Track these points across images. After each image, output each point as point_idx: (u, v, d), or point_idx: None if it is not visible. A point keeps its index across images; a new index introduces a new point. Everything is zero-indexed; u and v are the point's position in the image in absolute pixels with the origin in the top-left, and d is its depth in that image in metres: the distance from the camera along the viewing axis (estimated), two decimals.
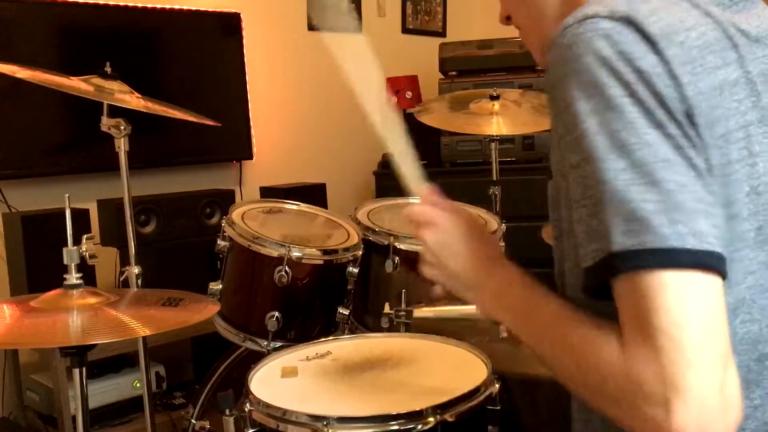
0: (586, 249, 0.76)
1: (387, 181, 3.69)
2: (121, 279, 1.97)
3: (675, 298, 0.70)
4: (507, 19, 1.03)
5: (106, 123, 1.88)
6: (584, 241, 0.76)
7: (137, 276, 1.94)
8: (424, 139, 3.69)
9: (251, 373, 1.50)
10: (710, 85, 0.77)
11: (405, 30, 4.31)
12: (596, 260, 0.74)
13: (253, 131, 3.53)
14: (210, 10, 3.36)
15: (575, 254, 0.80)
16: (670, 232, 0.70)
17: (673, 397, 0.68)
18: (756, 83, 0.81)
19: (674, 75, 0.75)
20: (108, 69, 1.92)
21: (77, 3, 2.96)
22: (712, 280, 0.71)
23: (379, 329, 1.95)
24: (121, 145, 1.90)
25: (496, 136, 2.69)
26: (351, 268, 1.98)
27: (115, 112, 1.90)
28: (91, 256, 1.59)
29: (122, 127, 1.88)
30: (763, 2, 0.93)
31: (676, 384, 0.68)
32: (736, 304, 0.78)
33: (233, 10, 3.44)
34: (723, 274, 0.72)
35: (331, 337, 1.79)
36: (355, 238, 2.05)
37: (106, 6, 3.04)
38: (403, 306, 1.93)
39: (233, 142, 3.47)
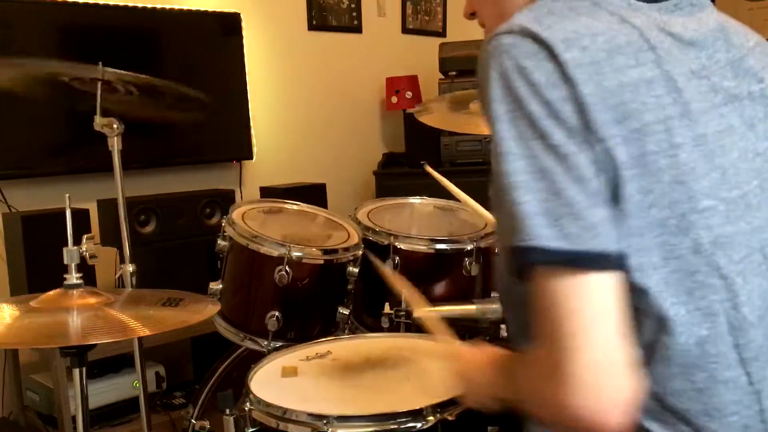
0: (509, 236, 0.83)
1: (387, 181, 3.69)
2: (117, 277, 1.97)
3: (563, 297, 0.78)
4: (471, 15, 1.09)
5: (98, 122, 1.88)
6: (504, 228, 0.84)
7: (132, 274, 1.94)
8: (424, 139, 3.69)
9: (251, 373, 1.50)
10: (620, 82, 0.82)
11: (405, 30, 4.31)
12: (512, 248, 0.82)
13: (253, 131, 3.53)
14: (210, 10, 3.36)
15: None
16: (548, 233, 0.78)
17: (563, 379, 0.77)
18: (677, 81, 0.85)
19: (568, 77, 0.80)
20: (106, 69, 1.92)
21: (77, 3, 2.96)
22: (596, 277, 0.78)
23: (379, 329, 1.95)
24: (115, 145, 1.90)
25: None
26: (351, 268, 1.98)
27: (115, 112, 1.90)
28: (91, 256, 1.59)
29: (115, 126, 1.88)
30: (711, 6, 0.98)
31: (564, 369, 0.77)
32: (660, 285, 0.82)
33: (233, 10, 3.44)
34: (611, 267, 0.78)
35: (331, 337, 1.79)
36: (355, 238, 2.05)
37: (106, 6, 3.04)
38: (403, 306, 1.93)
39: (233, 142, 3.47)
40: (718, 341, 0.83)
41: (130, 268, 1.95)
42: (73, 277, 1.43)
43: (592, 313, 0.77)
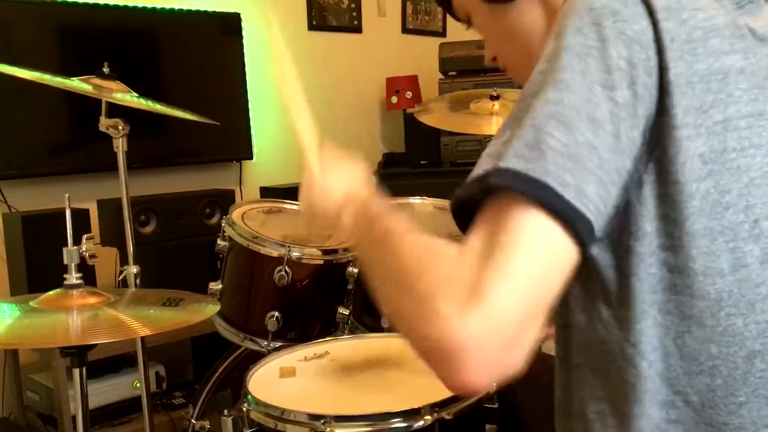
0: (478, 167, 0.75)
1: (387, 181, 3.68)
2: (120, 279, 1.97)
3: (528, 230, 0.70)
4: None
5: (104, 123, 1.89)
6: (482, 160, 0.76)
7: (135, 275, 1.94)
8: (424, 139, 3.69)
9: (250, 373, 1.50)
10: (711, 68, 0.77)
11: (405, 30, 4.31)
12: (478, 174, 0.75)
13: (253, 131, 3.53)
14: (210, 10, 3.36)
15: None
16: (558, 174, 0.70)
17: (474, 299, 0.67)
18: (759, 75, 0.80)
19: (661, 48, 0.75)
20: (106, 69, 1.92)
21: (77, 3, 2.96)
22: (567, 242, 0.70)
23: (379, 329, 1.95)
24: (120, 146, 1.91)
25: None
26: (351, 268, 1.98)
27: (115, 112, 1.90)
28: (91, 256, 1.59)
29: (120, 128, 1.89)
30: (766, 4, 0.92)
31: (484, 290, 0.67)
32: (722, 294, 0.77)
33: (233, 10, 3.44)
34: (582, 242, 0.71)
35: (329, 338, 1.79)
36: None
37: (105, 6, 3.04)
38: None
39: (233, 142, 3.47)
40: (755, 358, 0.78)
41: (134, 269, 1.95)
42: (73, 277, 1.43)
43: (544, 265, 0.70)
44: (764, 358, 0.79)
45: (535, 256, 0.69)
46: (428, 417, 1.26)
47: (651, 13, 0.75)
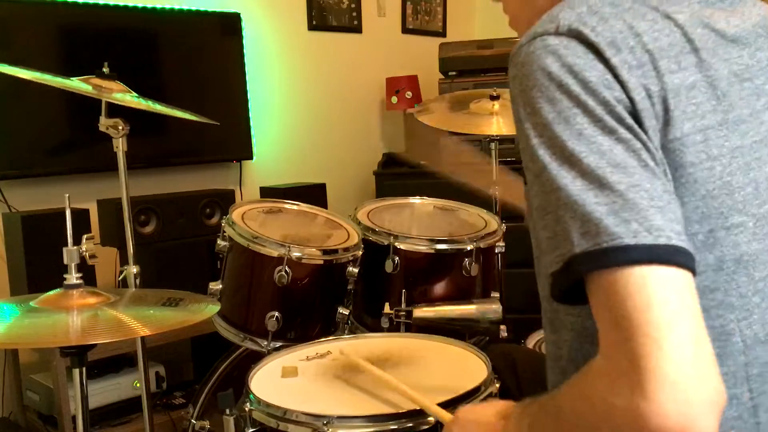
0: (551, 255, 0.77)
1: (387, 181, 3.69)
2: (120, 279, 1.97)
3: (637, 291, 0.70)
4: None
5: (104, 123, 1.88)
6: (549, 247, 0.78)
7: (135, 275, 1.94)
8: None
9: (251, 373, 1.50)
10: (664, 87, 0.79)
11: (405, 30, 4.31)
12: (560, 264, 0.76)
13: (253, 131, 3.53)
14: (210, 10, 3.36)
15: (539, 263, 0.82)
16: (623, 230, 0.71)
17: (645, 377, 0.67)
18: (717, 87, 0.82)
19: (621, 80, 0.78)
20: (106, 69, 1.92)
21: (77, 3, 2.96)
22: (674, 272, 0.71)
23: (379, 329, 1.95)
24: (120, 146, 1.90)
25: (496, 136, 2.69)
26: (351, 268, 1.98)
27: (115, 112, 1.90)
28: (91, 256, 1.59)
29: (120, 128, 1.88)
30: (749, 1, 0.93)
31: (645, 365, 0.67)
32: None
33: (233, 10, 3.44)
34: (687, 266, 0.72)
35: (331, 337, 1.79)
36: (355, 238, 2.05)
37: (105, 6, 3.04)
38: (403, 306, 1.93)
39: (233, 142, 3.47)
40: (729, 361, 0.81)
41: (134, 269, 1.95)
42: (73, 277, 1.43)
43: (676, 305, 0.70)
44: (724, 361, 0.80)
45: (660, 306, 0.69)
46: (430, 418, 1.25)
47: (599, 55, 0.78)
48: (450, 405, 1.29)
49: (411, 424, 1.26)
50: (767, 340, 0.83)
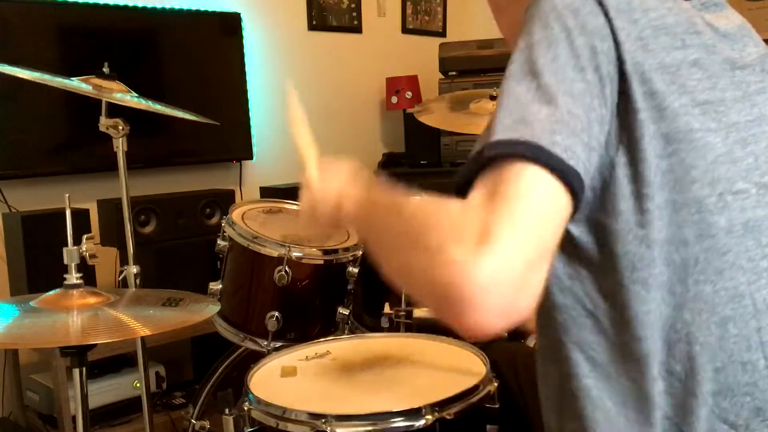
0: (474, 148, 0.82)
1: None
2: (120, 279, 1.97)
3: (525, 182, 0.75)
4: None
5: (104, 123, 1.89)
6: (476, 144, 0.82)
7: (135, 276, 1.94)
8: (424, 139, 3.69)
9: (251, 373, 1.50)
10: (663, 62, 0.83)
11: (405, 30, 4.31)
12: (475, 151, 0.81)
13: (253, 131, 3.53)
14: (210, 10, 3.36)
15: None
16: (547, 136, 0.76)
17: (484, 243, 0.72)
18: (714, 68, 0.88)
19: (618, 42, 0.82)
20: (106, 69, 1.92)
21: (77, 3, 2.96)
22: (561, 191, 0.76)
23: (379, 329, 1.95)
24: (120, 146, 1.91)
25: None
26: (351, 268, 1.98)
27: (115, 112, 1.90)
28: (91, 256, 1.59)
29: (120, 128, 1.89)
30: (730, 7, 1.01)
31: (492, 234, 0.72)
32: (688, 262, 0.82)
33: (233, 10, 3.44)
34: (576, 196, 0.77)
35: (330, 337, 1.79)
36: (355, 238, 2.05)
37: (106, 6, 3.04)
38: (403, 306, 1.93)
39: (233, 142, 3.47)
40: (741, 323, 0.83)
41: (134, 269, 1.95)
42: (73, 277, 1.43)
43: (543, 214, 0.75)
44: (736, 323, 0.83)
45: (535, 202, 0.75)
46: (429, 417, 1.26)
47: (606, 12, 0.83)
48: (448, 404, 1.29)
49: (410, 423, 1.26)
50: None
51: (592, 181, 0.81)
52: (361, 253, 2.01)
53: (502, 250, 0.71)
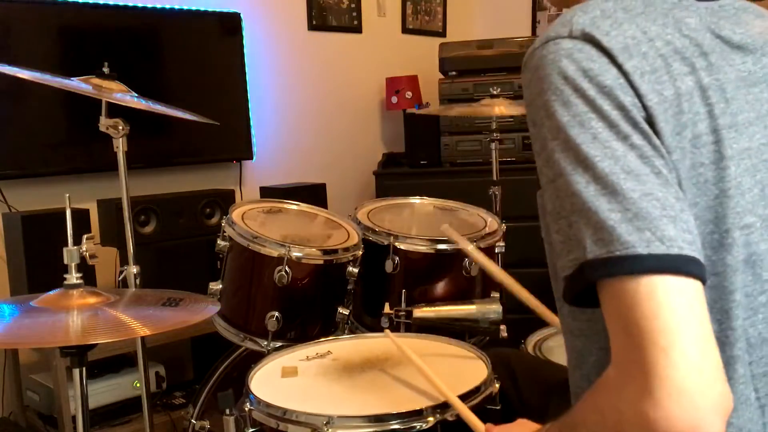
0: (565, 259, 0.78)
1: (387, 181, 3.69)
2: (120, 279, 1.97)
3: (647, 299, 0.71)
4: None
5: (104, 123, 1.88)
6: (563, 251, 0.78)
7: (135, 276, 1.94)
8: (424, 139, 3.69)
9: (251, 373, 1.50)
10: (678, 91, 0.80)
11: (405, 30, 4.31)
12: (573, 269, 0.77)
13: (253, 131, 3.53)
14: (210, 10, 3.36)
15: (554, 265, 0.83)
16: (636, 239, 0.72)
17: (652, 384, 0.68)
18: (726, 90, 0.83)
19: (634, 86, 0.78)
20: (106, 69, 1.92)
21: (77, 3, 2.96)
22: (685, 282, 0.72)
23: (379, 329, 1.95)
24: (120, 146, 1.91)
25: (497, 135, 2.70)
26: (351, 268, 1.98)
27: (115, 112, 1.90)
28: (91, 256, 1.59)
29: (120, 127, 1.88)
30: (754, 6, 0.94)
31: (653, 372, 0.68)
32: None
33: (233, 10, 3.44)
34: (698, 276, 0.73)
35: (331, 337, 1.79)
36: (355, 238, 2.05)
37: (105, 6, 3.04)
38: (403, 306, 1.93)
39: (233, 142, 3.47)
40: (736, 363, 0.81)
41: (134, 269, 1.95)
42: (73, 277, 1.43)
43: (684, 313, 0.71)
44: (744, 362, 0.81)
45: (668, 315, 0.70)
46: (431, 418, 1.26)
47: (613, 59, 0.79)
48: (449, 406, 1.29)
49: (411, 424, 1.26)
50: None
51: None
52: (361, 253, 2.01)
53: (671, 378, 0.68)
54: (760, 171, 0.83)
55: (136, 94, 1.93)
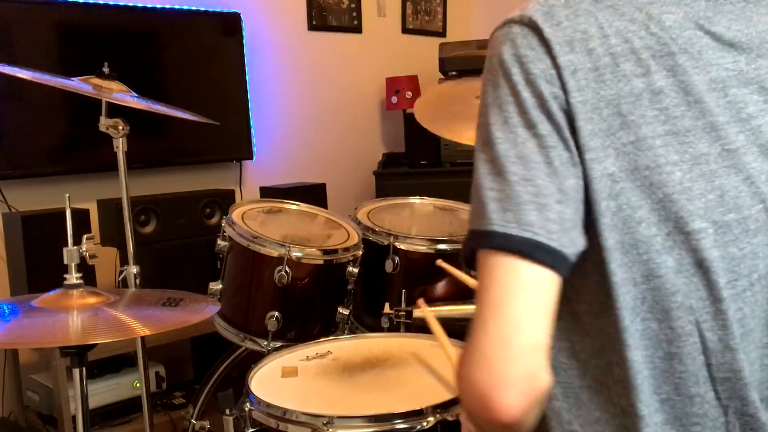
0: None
1: (387, 181, 3.69)
2: (120, 279, 1.97)
3: (488, 273, 0.77)
4: None
5: (104, 123, 1.89)
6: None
7: (135, 276, 1.94)
8: (424, 139, 3.69)
9: (251, 373, 1.50)
10: (620, 92, 0.80)
11: (405, 30, 4.31)
12: (466, 236, 0.83)
13: (253, 131, 3.53)
14: (210, 10, 3.36)
15: None
16: (497, 218, 0.77)
17: (470, 349, 0.76)
18: (691, 93, 0.81)
19: (563, 81, 0.80)
20: (106, 69, 1.92)
21: (77, 3, 2.96)
22: (527, 266, 0.76)
23: (379, 329, 1.95)
24: (120, 146, 1.91)
25: None
26: (351, 268, 1.98)
27: (115, 112, 1.90)
28: (91, 256, 1.59)
29: (120, 128, 1.89)
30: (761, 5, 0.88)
31: (474, 338, 0.76)
32: (636, 302, 0.81)
33: (233, 10, 3.44)
34: (547, 263, 0.76)
35: (331, 337, 1.79)
36: (355, 238, 2.05)
37: (106, 6, 3.04)
38: (403, 306, 1.93)
39: (233, 142, 3.47)
40: (688, 360, 0.82)
41: (134, 269, 1.95)
42: (73, 277, 1.43)
43: (512, 290, 0.76)
44: (682, 360, 0.82)
45: (501, 291, 0.76)
46: (431, 418, 1.26)
47: (550, 51, 0.81)
48: (450, 406, 1.29)
49: (411, 424, 1.26)
50: (737, 347, 0.82)
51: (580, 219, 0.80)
52: (361, 253, 2.01)
53: (481, 352, 0.75)
54: (720, 177, 0.81)
55: (136, 94, 1.93)
